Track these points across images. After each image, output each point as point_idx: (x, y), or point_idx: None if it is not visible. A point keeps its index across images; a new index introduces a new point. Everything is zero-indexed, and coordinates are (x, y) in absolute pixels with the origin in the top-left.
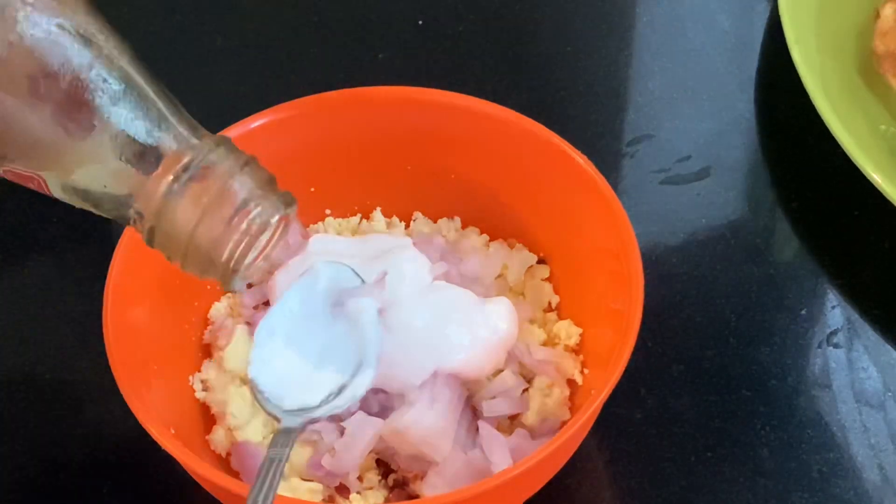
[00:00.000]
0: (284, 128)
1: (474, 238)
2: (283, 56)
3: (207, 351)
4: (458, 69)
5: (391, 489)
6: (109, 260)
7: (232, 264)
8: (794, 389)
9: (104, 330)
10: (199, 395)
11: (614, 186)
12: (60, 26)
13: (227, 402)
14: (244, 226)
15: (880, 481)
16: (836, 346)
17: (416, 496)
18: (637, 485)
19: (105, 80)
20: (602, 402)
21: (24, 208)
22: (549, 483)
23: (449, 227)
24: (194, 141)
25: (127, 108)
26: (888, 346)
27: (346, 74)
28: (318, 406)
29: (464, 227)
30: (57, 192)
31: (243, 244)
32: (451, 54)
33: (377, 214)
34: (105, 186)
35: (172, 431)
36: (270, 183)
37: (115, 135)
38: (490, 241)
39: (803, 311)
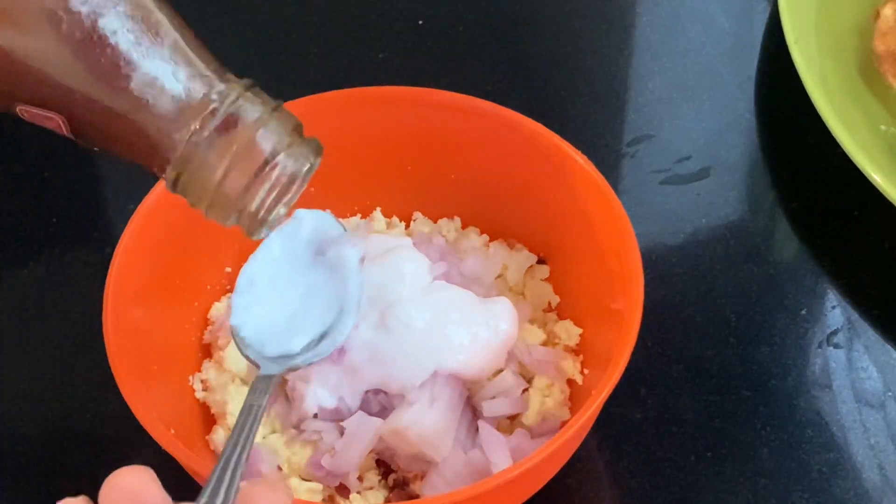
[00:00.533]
0: None
1: (474, 238)
2: (283, 56)
3: (207, 351)
4: (458, 69)
5: (391, 489)
6: (109, 260)
7: (260, 214)
8: (794, 389)
9: (104, 330)
10: (199, 395)
11: (614, 186)
12: None
13: (227, 402)
14: (273, 177)
15: (880, 481)
16: (836, 346)
17: (416, 496)
18: (637, 485)
19: (130, 19)
20: (602, 402)
21: (24, 208)
22: (549, 483)
23: (449, 227)
24: (221, 86)
25: (152, 49)
26: (888, 346)
27: (346, 74)
28: (300, 353)
29: (464, 227)
30: (75, 133)
31: (273, 195)
32: (451, 54)
33: (377, 214)
34: (127, 130)
35: (172, 431)
36: (298, 130)
37: (140, 77)
38: (490, 241)
39: (803, 311)
